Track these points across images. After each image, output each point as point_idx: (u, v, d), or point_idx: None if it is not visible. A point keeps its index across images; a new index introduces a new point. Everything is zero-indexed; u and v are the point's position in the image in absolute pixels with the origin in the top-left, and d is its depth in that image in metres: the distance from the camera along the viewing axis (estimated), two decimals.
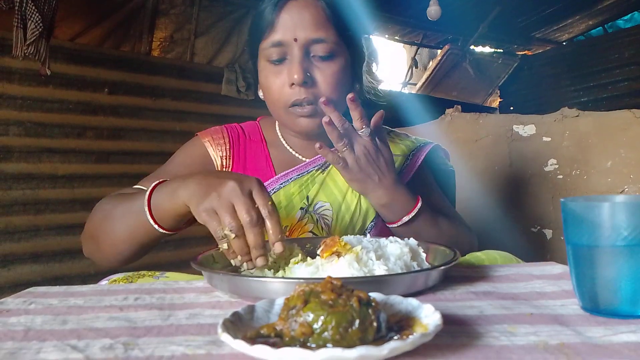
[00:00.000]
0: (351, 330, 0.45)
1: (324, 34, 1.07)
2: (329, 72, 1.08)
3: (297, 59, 1.06)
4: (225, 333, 0.46)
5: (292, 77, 1.05)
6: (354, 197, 1.16)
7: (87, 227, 1.04)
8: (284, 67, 1.08)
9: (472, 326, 0.55)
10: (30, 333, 0.57)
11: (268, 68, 1.10)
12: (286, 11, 1.06)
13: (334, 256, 0.73)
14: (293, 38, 1.06)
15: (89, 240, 1.04)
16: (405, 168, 1.21)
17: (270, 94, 1.11)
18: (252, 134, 1.26)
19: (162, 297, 0.72)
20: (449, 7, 4.60)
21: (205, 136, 1.22)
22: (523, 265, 0.89)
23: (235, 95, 4.41)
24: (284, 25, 1.06)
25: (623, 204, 0.57)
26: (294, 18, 1.06)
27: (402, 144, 1.26)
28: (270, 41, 1.07)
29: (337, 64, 1.10)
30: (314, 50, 1.07)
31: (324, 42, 1.07)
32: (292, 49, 1.06)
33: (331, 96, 1.07)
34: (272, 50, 1.07)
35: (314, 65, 1.08)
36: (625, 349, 0.48)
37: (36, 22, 2.86)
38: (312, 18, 1.07)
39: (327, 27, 1.08)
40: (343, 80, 1.12)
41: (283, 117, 1.12)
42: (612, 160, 1.99)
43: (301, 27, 1.06)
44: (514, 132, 2.27)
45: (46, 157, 3.50)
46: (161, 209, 0.88)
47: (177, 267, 1.55)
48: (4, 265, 3.25)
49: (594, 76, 6.04)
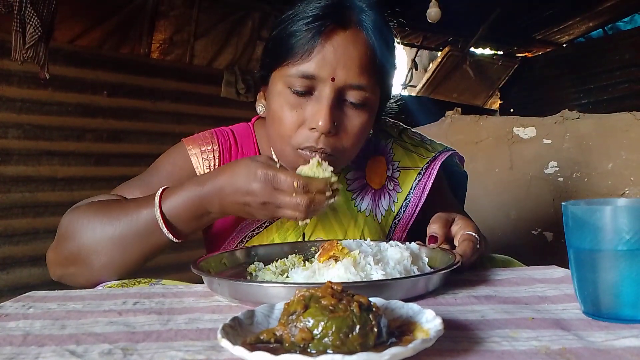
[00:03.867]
0: (352, 336, 0.45)
1: (365, 81, 0.92)
2: (357, 122, 0.94)
3: (327, 101, 0.90)
4: (224, 339, 0.46)
5: (316, 121, 0.90)
6: (356, 232, 1.06)
7: (66, 250, 0.92)
8: (306, 103, 0.93)
9: (473, 331, 0.54)
10: (29, 338, 0.57)
11: (286, 96, 0.94)
12: (330, 42, 0.90)
13: (331, 260, 0.72)
14: (330, 77, 0.90)
15: (70, 264, 0.92)
16: (418, 185, 1.11)
17: (280, 127, 0.95)
18: (244, 144, 1.12)
19: (161, 301, 0.72)
20: (449, 9, 4.59)
21: (192, 146, 1.08)
22: (524, 269, 0.88)
23: (234, 98, 4.41)
24: (323, 59, 0.90)
25: (625, 208, 0.57)
26: (337, 53, 0.90)
27: (416, 152, 1.15)
28: (301, 70, 0.91)
29: (368, 112, 0.96)
30: (348, 95, 0.93)
31: (362, 89, 0.93)
32: (323, 87, 0.91)
33: (351, 150, 0.98)
34: (299, 81, 0.91)
35: (343, 111, 0.94)
36: (628, 353, 0.48)
37: (35, 26, 2.85)
38: (358, 59, 0.91)
39: (370, 72, 0.93)
40: (368, 129, 0.99)
41: (287, 154, 0.97)
42: (613, 162, 1.98)
43: (343, 67, 0.90)
44: (515, 134, 2.27)
45: (45, 159, 3.50)
46: (183, 226, 0.89)
47: (176, 271, 1.55)
48: (3, 268, 3.25)
49: (595, 78, 6.04)
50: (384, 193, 1.12)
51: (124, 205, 0.92)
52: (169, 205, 0.87)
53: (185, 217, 0.87)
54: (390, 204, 1.11)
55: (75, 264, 0.91)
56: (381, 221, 1.10)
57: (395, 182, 1.12)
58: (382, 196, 1.11)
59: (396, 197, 1.11)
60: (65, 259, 0.92)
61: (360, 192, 1.10)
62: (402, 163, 1.14)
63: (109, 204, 0.94)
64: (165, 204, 0.87)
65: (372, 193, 1.11)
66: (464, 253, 0.81)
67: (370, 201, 1.10)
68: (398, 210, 1.11)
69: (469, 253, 0.82)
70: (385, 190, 1.12)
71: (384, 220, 1.10)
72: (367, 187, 1.11)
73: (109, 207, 0.93)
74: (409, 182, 1.11)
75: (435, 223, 0.87)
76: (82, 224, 0.91)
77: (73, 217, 0.93)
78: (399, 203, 1.11)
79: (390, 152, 1.15)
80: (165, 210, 0.87)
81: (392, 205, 1.11)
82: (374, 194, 1.11)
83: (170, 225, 0.87)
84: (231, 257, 0.90)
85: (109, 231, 0.88)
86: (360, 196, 1.10)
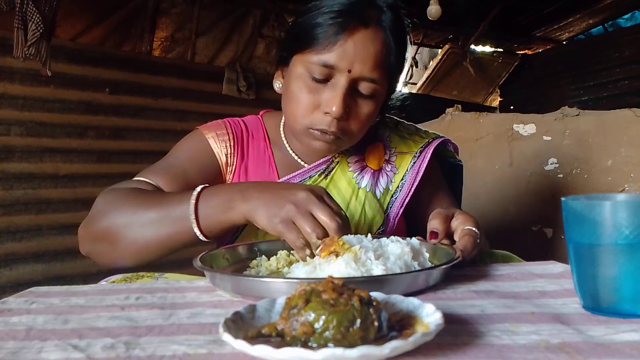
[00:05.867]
0: (352, 330, 0.45)
1: (377, 75, 1.02)
2: (365, 110, 1.04)
3: (341, 90, 0.99)
4: (226, 333, 0.46)
5: (330, 107, 1.00)
6: (357, 206, 1.14)
7: (96, 227, 0.95)
8: (323, 89, 1.02)
9: (473, 325, 0.55)
10: (32, 332, 0.57)
11: (305, 80, 1.03)
12: (352, 37, 0.98)
13: (332, 256, 0.73)
14: (348, 69, 0.99)
15: (101, 241, 0.95)
16: (413, 167, 1.19)
17: (297, 107, 1.04)
18: (254, 130, 1.21)
19: (163, 296, 0.72)
20: (449, 6, 4.59)
21: (208, 131, 1.16)
22: (524, 264, 0.89)
23: (236, 95, 4.42)
24: (344, 51, 0.98)
25: (624, 203, 0.57)
26: (357, 48, 0.98)
27: (411, 139, 1.24)
28: (322, 60, 0.99)
29: (375, 102, 1.06)
30: (360, 86, 1.02)
31: (374, 82, 1.02)
32: (340, 77, 1.00)
33: (357, 134, 1.07)
34: (319, 69, 1.00)
35: (354, 100, 1.03)
36: (627, 347, 0.48)
37: (37, 23, 2.86)
38: (374, 55, 1.00)
39: (382, 68, 1.02)
40: (374, 118, 1.10)
41: (299, 131, 1.07)
42: (613, 159, 1.98)
43: (360, 61, 0.99)
44: (515, 131, 2.27)
45: (48, 156, 3.51)
46: (212, 221, 0.87)
47: (178, 266, 1.55)
48: (6, 265, 3.26)
49: (595, 75, 6.03)
50: (383, 174, 1.21)
51: (160, 195, 0.96)
52: (203, 205, 0.87)
53: (216, 217, 0.87)
54: (388, 183, 1.20)
55: (102, 242, 0.95)
56: (380, 198, 1.19)
57: (392, 164, 1.22)
58: (381, 176, 1.21)
59: (393, 178, 1.20)
60: (94, 236, 0.96)
61: (361, 172, 1.19)
62: (399, 149, 1.23)
63: (145, 191, 0.98)
64: (199, 203, 0.87)
65: (372, 173, 1.20)
66: (465, 248, 0.82)
67: (370, 179, 1.19)
68: (395, 189, 1.20)
69: (469, 248, 0.83)
70: (383, 172, 1.21)
71: (382, 197, 1.19)
72: (367, 168, 1.20)
73: (145, 193, 0.97)
74: (405, 165, 1.20)
75: (436, 219, 0.89)
76: (115, 205, 0.95)
77: (108, 197, 0.98)
78: (396, 183, 1.20)
79: (387, 139, 1.25)
80: (199, 211, 0.87)
81: (389, 185, 1.20)
82: (373, 173, 1.20)
83: (201, 224, 0.87)
84: (233, 253, 0.91)
85: (140, 216, 0.91)
86: (361, 175, 1.19)
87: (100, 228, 0.94)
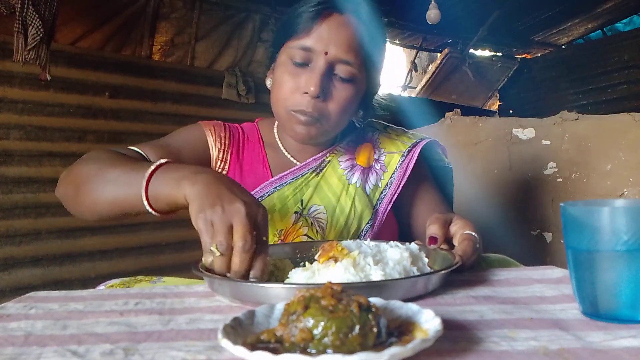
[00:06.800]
0: (351, 336, 0.45)
1: (352, 57, 1.08)
2: (343, 95, 1.10)
3: (319, 70, 1.07)
4: (225, 339, 0.46)
5: (308, 86, 1.06)
6: (348, 200, 1.18)
7: (72, 172, 1.00)
8: (303, 72, 1.09)
9: (472, 331, 0.55)
10: (31, 338, 0.57)
11: (287, 66, 1.11)
12: (327, 22, 1.07)
13: (330, 261, 0.73)
14: (324, 50, 1.07)
15: (69, 185, 1.00)
16: (401, 165, 1.23)
17: (280, 91, 1.11)
18: (250, 134, 1.27)
19: (162, 301, 0.72)
20: (449, 11, 4.60)
21: (207, 125, 1.23)
22: (523, 269, 0.89)
23: (235, 99, 4.42)
24: (319, 35, 1.07)
25: (623, 209, 0.57)
26: (331, 31, 1.07)
27: (399, 140, 1.28)
28: (301, 44, 1.08)
29: (353, 89, 1.11)
30: (337, 69, 1.09)
31: (349, 64, 1.08)
32: (318, 59, 1.07)
33: (335, 117, 1.11)
34: (299, 53, 1.08)
35: (332, 83, 1.09)
36: (626, 354, 0.48)
37: (37, 28, 2.86)
38: (348, 38, 1.08)
39: (357, 52, 1.09)
40: (352, 105, 1.15)
41: (282, 116, 1.13)
42: (612, 163, 1.99)
43: (335, 43, 1.07)
44: (514, 136, 2.27)
45: (47, 160, 3.51)
46: (159, 193, 0.84)
47: (177, 270, 1.55)
48: (4, 269, 3.25)
49: (593, 79, 6.04)
50: (372, 172, 1.26)
51: (127, 160, 0.99)
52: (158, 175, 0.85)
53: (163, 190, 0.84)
54: (377, 180, 1.25)
55: (70, 186, 1.00)
56: (369, 194, 1.23)
57: (382, 163, 1.26)
58: (371, 174, 1.25)
59: (382, 176, 1.25)
60: (68, 180, 1.02)
61: (351, 170, 1.24)
62: (387, 149, 1.27)
63: (125, 156, 1.03)
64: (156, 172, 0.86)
65: (362, 171, 1.24)
66: (464, 253, 0.82)
67: (360, 176, 1.23)
68: (384, 186, 1.24)
69: (469, 253, 0.83)
70: (373, 170, 1.26)
71: (371, 193, 1.24)
72: (357, 166, 1.25)
73: (124, 157, 1.02)
74: (393, 163, 1.25)
75: (435, 224, 0.89)
76: (94, 159, 1.00)
77: (93, 153, 1.04)
78: (385, 180, 1.24)
79: (377, 141, 1.30)
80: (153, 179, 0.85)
81: (379, 182, 1.24)
82: (363, 171, 1.24)
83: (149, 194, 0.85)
84: None
85: (106, 172, 0.93)
86: (352, 172, 1.23)
87: (73, 173, 1.00)
